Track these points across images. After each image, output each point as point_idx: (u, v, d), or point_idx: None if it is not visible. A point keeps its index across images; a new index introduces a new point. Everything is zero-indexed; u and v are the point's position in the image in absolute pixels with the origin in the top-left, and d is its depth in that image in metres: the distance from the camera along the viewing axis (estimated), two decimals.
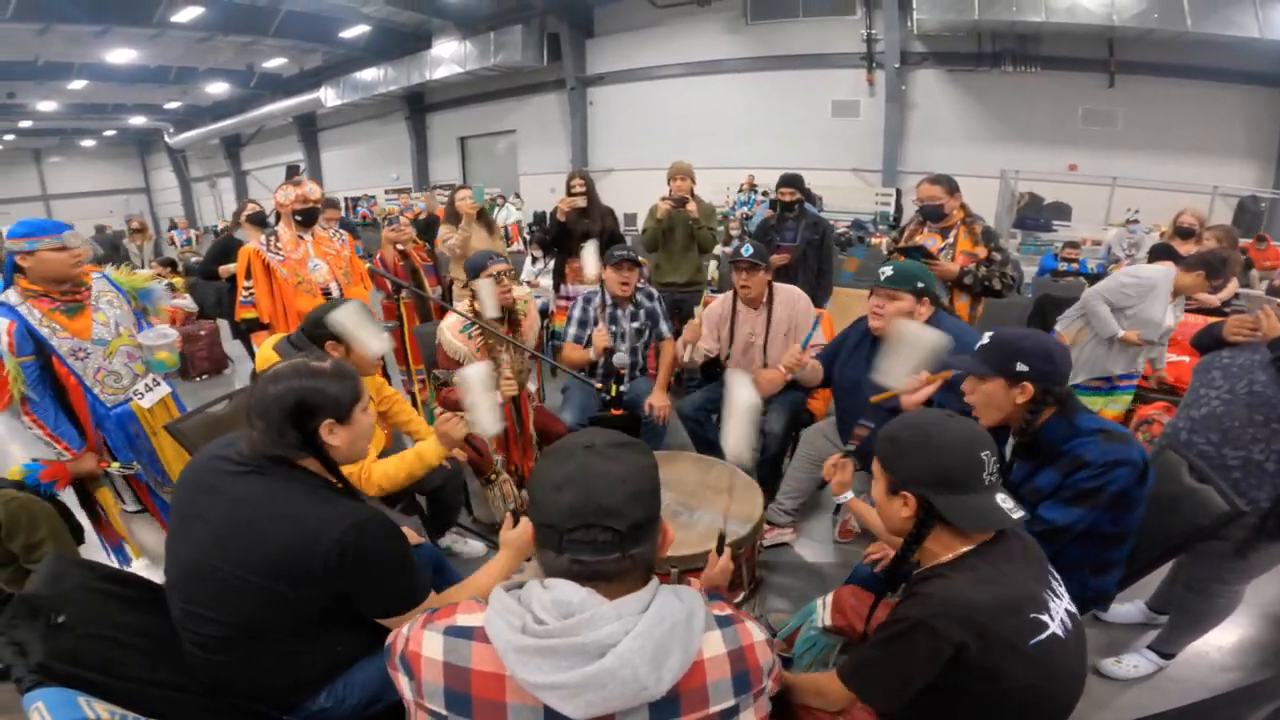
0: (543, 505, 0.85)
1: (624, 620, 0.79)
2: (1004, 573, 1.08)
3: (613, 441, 0.90)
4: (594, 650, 0.77)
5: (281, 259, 2.82)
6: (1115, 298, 3.15)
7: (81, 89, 15.46)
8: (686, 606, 0.85)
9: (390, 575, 1.25)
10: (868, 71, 10.82)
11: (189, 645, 1.24)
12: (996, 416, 1.59)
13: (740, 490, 2.13)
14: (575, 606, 0.81)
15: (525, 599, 0.84)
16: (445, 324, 2.63)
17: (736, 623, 0.90)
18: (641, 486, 0.86)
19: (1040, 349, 1.51)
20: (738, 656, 0.86)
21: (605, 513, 0.82)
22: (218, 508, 1.21)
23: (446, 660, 0.83)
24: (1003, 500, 1.12)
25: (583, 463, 0.86)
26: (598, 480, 0.84)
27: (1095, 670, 2.08)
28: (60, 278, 2.09)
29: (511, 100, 14.85)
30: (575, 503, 0.82)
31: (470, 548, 2.68)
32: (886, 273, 2.27)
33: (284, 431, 1.22)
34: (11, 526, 1.89)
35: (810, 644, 1.65)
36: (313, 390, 1.25)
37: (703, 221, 3.84)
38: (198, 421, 2.06)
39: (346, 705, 1.31)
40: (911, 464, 1.14)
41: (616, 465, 0.86)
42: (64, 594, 1.23)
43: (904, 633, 1.06)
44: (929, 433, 1.14)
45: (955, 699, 1.08)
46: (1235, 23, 7.96)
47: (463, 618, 0.87)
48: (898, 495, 1.16)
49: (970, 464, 1.10)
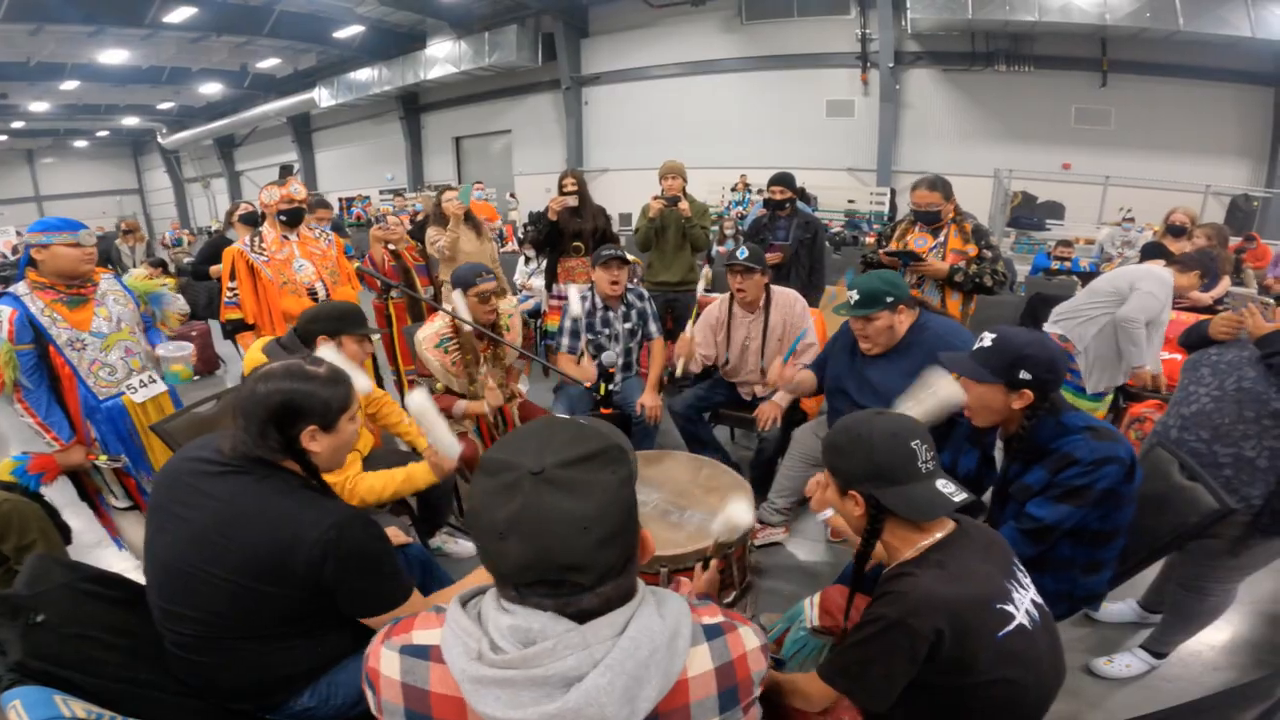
0: (488, 553, 0.72)
1: (591, 650, 0.69)
2: (968, 566, 1.11)
3: (568, 459, 0.72)
4: (556, 682, 0.67)
5: (266, 260, 2.81)
6: (1152, 313, 2.90)
7: (74, 89, 15.39)
8: (669, 626, 0.74)
9: (371, 576, 1.24)
10: (862, 71, 10.85)
11: (170, 645, 1.23)
12: (991, 419, 1.59)
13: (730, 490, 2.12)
14: (536, 633, 0.70)
15: (484, 619, 0.74)
16: (421, 336, 2.60)
17: (727, 631, 0.81)
18: (610, 526, 0.70)
19: (1044, 358, 1.51)
20: (726, 671, 0.78)
21: (567, 568, 0.69)
22: (197, 508, 1.20)
23: (404, 681, 0.76)
24: (943, 485, 1.14)
25: (531, 499, 0.69)
26: (553, 528, 0.68)
27: (1087, 670, 2.09)
28: (70, 273, 2.16)
29: (506, 100, 14.83)
30: (526, 557, 0.68)
31: (461, 548, 2.68)
32: (853, 298, 2.19)
33: (266, 433, 1.21)
34: (3, 529, 1.89)
35: (799, 645, 1.64)
36: (302, 394, 1.24)
37: (695, 220, 3.84)
38: (184, 422, 2.05)
39: (331, 705, 1.30)
40: (850, 463, 1.18)
41: (574, 500, 0.69)
42: (45, 593, 1.22)
43: (881, 632, 1.07)
44: (860, 432, 1.18)
45: (932, 694, 1.09)
46: (1227, 22, 8.00)
47: (419, 634, 0.79)
48: (848, 496, 1.20)
49: (902, 455, 1.14)
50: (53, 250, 2.11)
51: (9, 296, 2.13)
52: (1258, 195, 9.08)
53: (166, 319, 2.55)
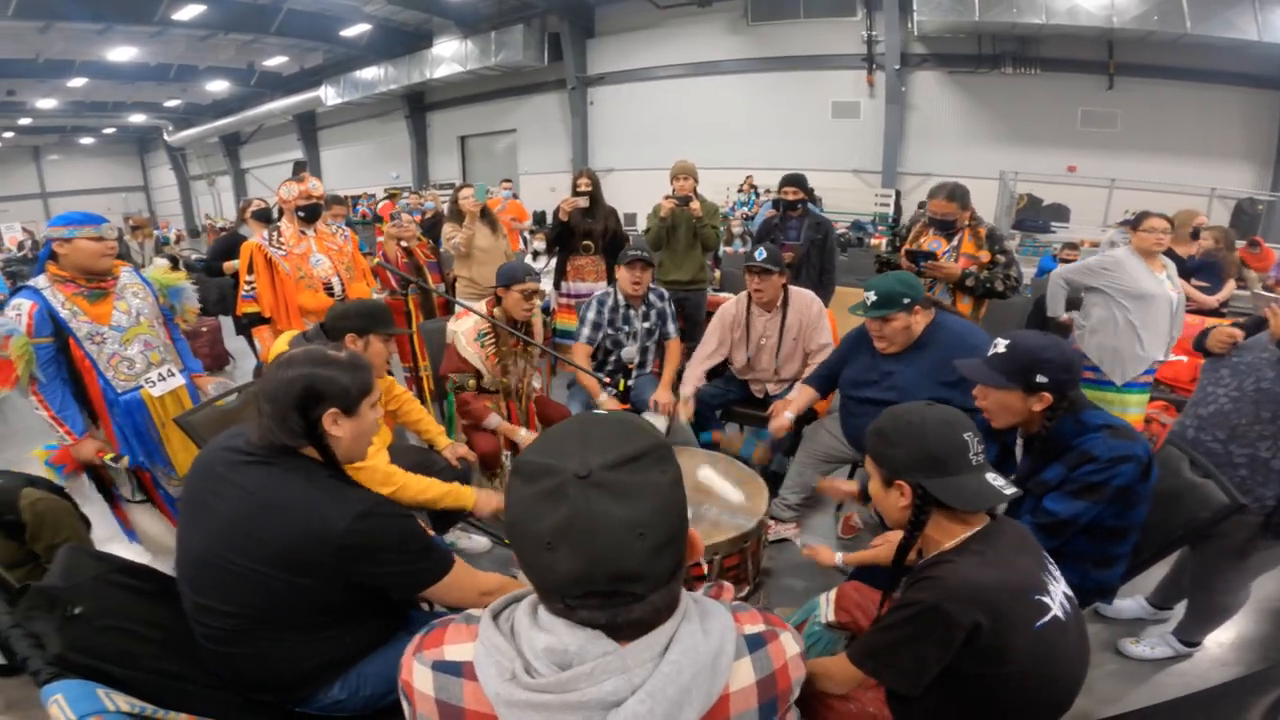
0: (533, 568, 0.67)
1: (631, 675, 0.65)
2: (1006, 556, 1.11)
3: (616, 459, 0.66)
4: (594, 706, 0.64)
5: (284, 254, 2.84)
6: (1079, 272, 3.11)
7: (82, 87, 15.46)
8: (714, 644, 0.70)
9: (409, 552, 1.25)
10: (868, 73, 10.84)
11: (200, 638, 1.24)
12: (1010, 421, 1.61)
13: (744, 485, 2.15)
14: (573, 655, 0.66)
15: (517, 636, 0.71)
16: (460, 329, 2.63)
17: (769, 641, 0.78)
18: (666, 531, 0.66)
19: (1061, 360, 1.53)
20: (768, 684, 0.74)
21: (621, 578, 0.64)
22: (227, 499, 1.21)
23: (438, 698, 0.73)
24: (993, 478, 1.15)
25: (580, 506, 0.64)
26: (605, 537, 0.63)
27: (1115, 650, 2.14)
28: (91, 267, 2.16)
29: (512, 100, 14.85)
30: (577, 569, 0.64)
31: (475, 544, 2.70)
32: (870, 299, 2.22)
33: (288, 416, 1.22)
34: (38, 528, 1.93)
35: (815, 639, 1.66)
36: (323, 378, 1.25)
37: (706, 220, 3.85)
38: (206, 415, 2.07)
39: (360, 696, 1.32)
40: (900, 453, 1.17)
41: (626, 505, 0.64)
42: (79, 586, 1.23)
43: (916, 616, 1.08)
44: (912, 421, 1.18)
45: (963, 682, 1.10)
46: (1234, 25, 7.99)
47: (451, 649, 0.75)
48: (893, 487, 1.19)
49: (955, 445, 1.14)
50: (75, 244, 2.12)
51: (28, 290, 2.13)
52: (1263, 199, 9.08)
53: (184, 313, 2.57)
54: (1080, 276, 3.09)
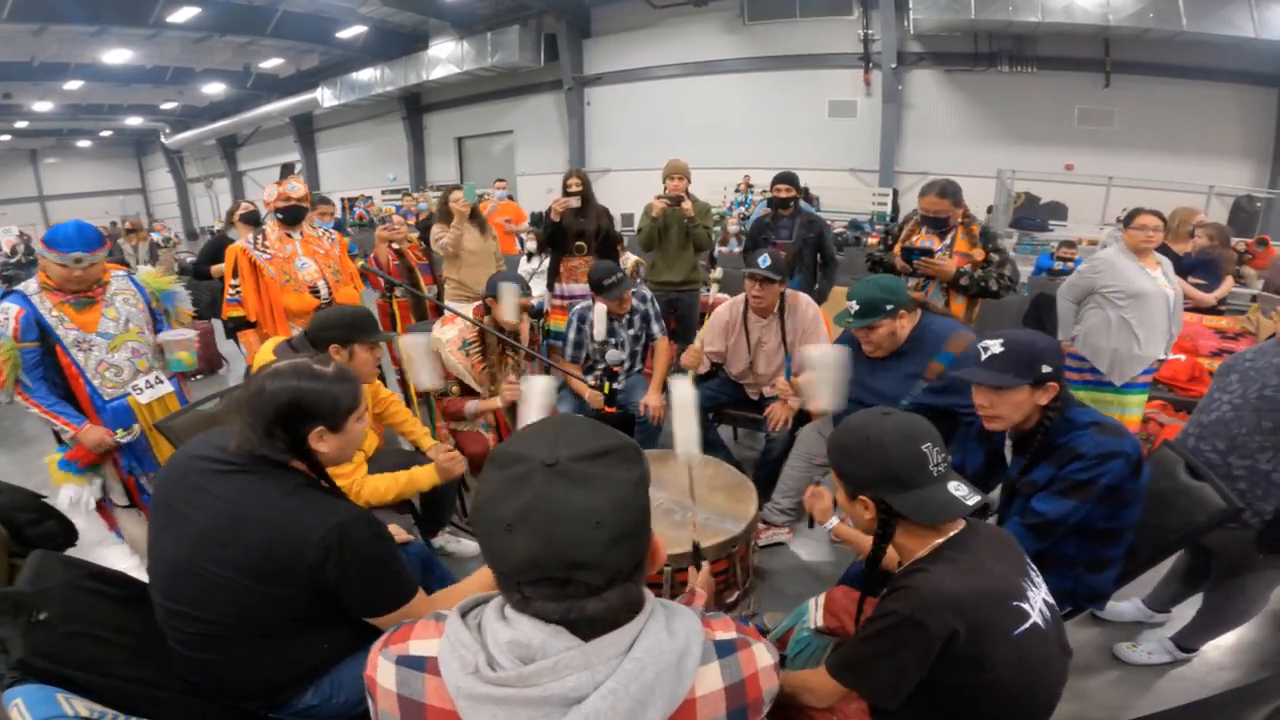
0: (492, 549, 0.68)
1: (594, 671, 0.65)
2: (982, 561, 1.09)
3: (583, 453, 0.69)
4: (556, 702, 0.64)
5: (269, 257, 2.82)
6: (1076, 286, 3.08)
7: (78, 89, 15.45)
8: (678, 645, 0.70)
9: (376, 575, 1.23)
10: (864, 71, 10.85)
11: (173, 644, 1.22)
12: (1019, 420, 1.58)
13: (733, 489, 2.12)
14: (536, 650, 0.66)
15: (484, 632, 0.71)
16: (444, 338, 2.61)
17: (740, 649, 0.77)
18: (624, 524, 0.67)
19: (1054, 346, 1.55)
20: (737, 691, 0.73)
21: (575, 566, 0.65)
22: (203, 508, 1.19)
23: (400, 693, 0.73)
24: (955, 488, 1.13)
25: (542, 492, 0.66)
26: (563, 522, 0.65)
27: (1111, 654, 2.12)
28: (62, 287, 2.16)
29: (509, 100, 14.85)
30: (533, 552, 0.65)
31: (463, 547, 2.67)
32: (853, 308, 2.20)
33: (272, 433, 1.20)
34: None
35: (803, 645, 1.63)
36: (311, 393, 1.24)
37: (698, 220, 3.83)
38: (188, 419, 2.05)
39: (334, 703, 1.30)
40: (859, 468, 1.16)
41: (588, 494, 0.66)
42: (47, 591, 1.21)
43: (891, 628, 1.06)
44: (869, 435, 1.16)
45: (941, 692, 1.08)
46: (1231, 22, 7.98)
47: (416, 644, 0.76)
48: (856, 500, 1.18)
49: (914, 459, 1.12)
50: (45, 263, 2.14)
51: (17, 295, 2.15)
52: (1261, 196, 9.06)
53: (179, 316, 2.56)
54: (1078, 288, 3.09)
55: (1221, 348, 4.21)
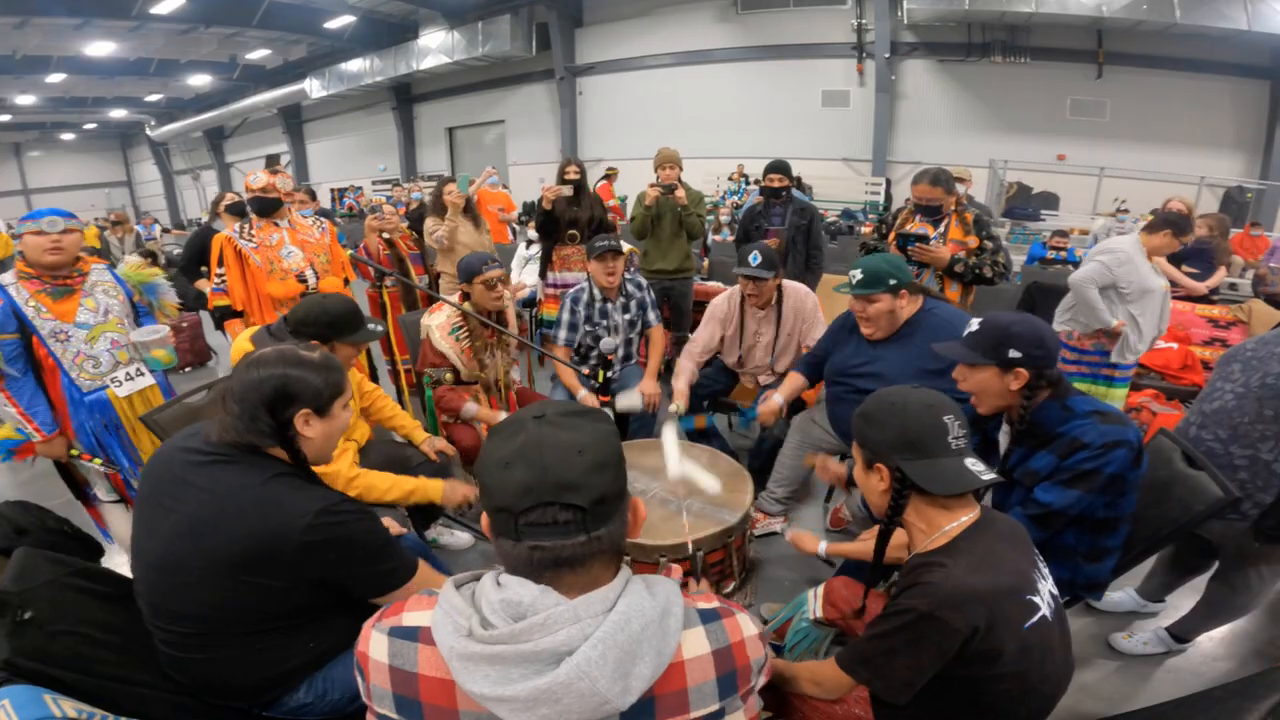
0: (492, 488, 0.75)
1: (582, 624, 0.69)
2: (998, 555, 1.08)
3: (566, 410, 0.80)
4: (547, 658, 0.68)
5: (255, 247, 2.78)
6: (1102, 277, 3.00)
7: (61, 82, 15.23)
8: (660, 603, 0.74)
9: (369, 557, 1.22)
10: (858, 61, 10.83)
11: (159, 643, 1.20)
12: (995, 404, 1.58)
13: (729, 478, 2.10)
14: (526, 607, 0.70)
15: (477, 598, 0.75)
16: (433, 323, 2.58)
17: (724, 616, 0.80)
18: (603, 455, 0.76)
19: (1031, 334, 1.50)
20: (724, 655, 0.77)
21: (563, 487, 0.72)
22: (186, 500, 1.17)
23: (392, 664, 0.75)
24: (972, 464, 1.12)
25: (533, 434, 0.75)
26: (552, 452, 0.74)
27: (1106, 644, 2.11)
28: (38, 261, 2.12)
29: (500, 90, 14.76)
30: (528, 479, 0.72)
31: (457, 540, 2.65)
32: (856, 276, 2.18)
33: (257, 417, 1.19)
34: None
35: (802, 635, 1.63)
36: (296, 378, 1.22)
37: (691, 208, 3.81)
38: (174, 412, 2.01)
39: (327, 700, 1.28)
40: (880, 434, 1.16)
41: (572, 433, 0.76)
42: (32, 590, 1.19)
43: (911, 624, 1.04)
44: (894, 402, 1.17)
45: (951, 684, 1.07)
46: (1224, 15, 8.00)
47: (410, 616, 0.79)
48: (873, 469, 1.18)
49: (934, 427, 1.12)
50: (24, 240, 2.11)
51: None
52: (1252, 187, 9.11)
53: (164, 308, 2.51)
54: (1103, 277, 2.99)
55: (1214, 336, 4.24)
